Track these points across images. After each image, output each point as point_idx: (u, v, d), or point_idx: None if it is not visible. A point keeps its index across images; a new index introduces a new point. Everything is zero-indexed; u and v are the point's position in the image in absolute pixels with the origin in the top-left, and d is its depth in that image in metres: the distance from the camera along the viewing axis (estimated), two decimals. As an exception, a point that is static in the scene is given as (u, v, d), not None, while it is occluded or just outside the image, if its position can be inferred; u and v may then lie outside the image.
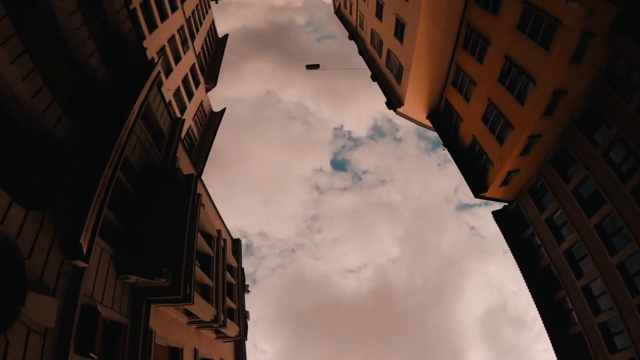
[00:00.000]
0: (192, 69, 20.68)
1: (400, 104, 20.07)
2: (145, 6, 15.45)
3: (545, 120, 14.51)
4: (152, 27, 16.07)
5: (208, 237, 11.70)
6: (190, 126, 20.27)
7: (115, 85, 7.90)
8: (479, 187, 18.16)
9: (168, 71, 17.76)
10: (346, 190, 70.49)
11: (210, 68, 23.58)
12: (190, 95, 20.23)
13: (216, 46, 26.32)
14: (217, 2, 33.30)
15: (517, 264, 19.09)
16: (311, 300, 62.63)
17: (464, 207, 68.63)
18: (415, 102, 19.89)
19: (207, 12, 24.87)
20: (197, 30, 21.96)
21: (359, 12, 24.98)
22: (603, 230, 14.31)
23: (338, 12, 29.41)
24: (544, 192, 17.55)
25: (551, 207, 16.66)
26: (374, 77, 23.25)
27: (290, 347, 58.75)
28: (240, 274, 17.84)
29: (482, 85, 16.64)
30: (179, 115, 18.42)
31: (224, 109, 23.36)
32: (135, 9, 14.49)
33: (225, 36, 27.49)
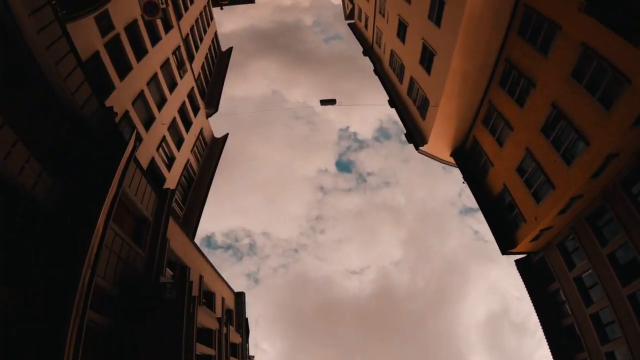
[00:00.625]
0: (191, 95, 18.35)
1: (424, 141, 17.67)
2: (132, 30, 13.38)
3: (591, 182, 12.27)
4: (141, 53, 13.98)
5: (208, 333, 9.97)
6: (189, 160, 18.25)
7: (68, 198, 5.94)
8: (507, 243, 15.99)
9: (162, 102, 15.52)
10: (350, 192, 69.50)
11: (211, 90, 21.22)
12: (188, 125, 18.00)
13: (219, 62, 23.90)
14: (222, 9, 31.09)
15: (538, 317, 17.12)
16: (313, 300, 61.85)
17: (467, 210, 67.27)
18: (440, 140, 17.54)
19: (208, 25, 22.43)
20: (197, 48, 19.66)
21: (376, 28, 22.51)
22: (638, 302, 12.18)
23: (351, 24, 26.87)
24: (575, 249, 15.41)
25: (582, 266, 14.46)
26: (392, 103, 20.89)
27: (291, 347, 58.06)
28: (244, 328, 16.22)
29: (520, 131, 14.16)
30: (174, 152, 16.51)
31: (226, 135, 21.17)
32: (118, 35, 12.50)
33: (229, 50, 25.04)
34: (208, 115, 19.98)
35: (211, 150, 20.25)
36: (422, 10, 15.68)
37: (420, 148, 18.03)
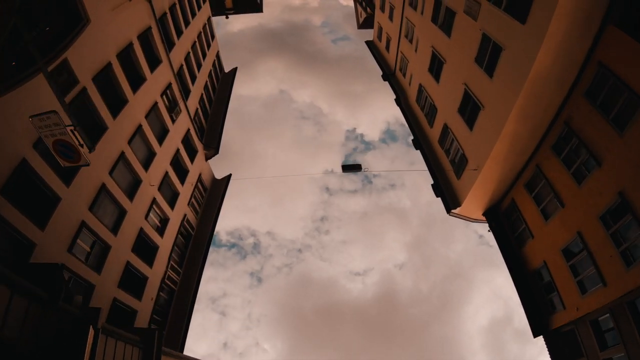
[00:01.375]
0: (186, 139, 15.51)
1: (456, 204, 14.72)
2: (105, 78, 10.46)
3: None
4: (118, 105, 10.98)
5: None
6: (185, 216, 15.55)
7: None
8: (540, 328, 13.26)
9: (149, 159, 12.69)
10: (356, 193, 68.25)
11: (211, 126, 18.17)
12: (183, 176, 15.24)
13: (221, 88, 20.73)
14: (227, 17, 28.01)
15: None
16: (315, 301, 60.45)
17: (472, 215, 65.24)
18: (473, 202, 14.65)
19: (209, 47, 19.32)
20: (194, 78, 16.61)
21: (400, 53, 19.36)
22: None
23: (370, 43, 23.64)
24: (609, 329, 12.60)
25: (615, 349, 11.69)
26: (417, 145, 17.86)
27: (291, 348, 56.58)
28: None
29: (573, 211, 11.06)
30: (168, 213, 13.72)
31: (229, 176, 18.35)
32: (84, 89, 9.69)
33: (233, 71, 21.91)
34: (208, 157, 17.18)
35: (211, 196, 17.48)
36: (466, 50, 12.56)
37: (452, 211, 15.14)
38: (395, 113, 72.97)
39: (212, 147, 17.08)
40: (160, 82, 13.14)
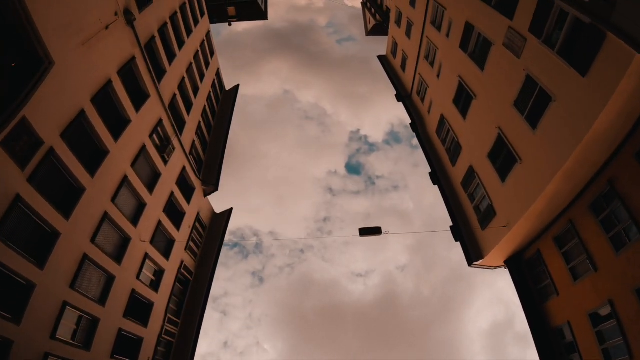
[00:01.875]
0: (182, 178, 13.65)
1: (479, 256, 12.94)
2: (78, 129, 8.56)
3: None
4: (97, 160, 9.22)
5: None
6: (183, 262, 13.85)
7: None
8: None
9: (138, 211, 11.01)
10: (359, 194, 67.17)
11: (210, 159, 16.10)
12: (179, 221, 13.51)
13: (221, 111, 18.48)
14: (230, 24, 25.96)
15: None
16: (316, 302, 59.74)
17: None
18: (497, 253, 12.80)
19: (207, 66, 17.21)
20: (190, 106, 14.58)
21: (418, 75, 17.25)
22: None
23: (382, 58, 21.46)
24: None
25: None
26: (435, 180, 15.95)
27: (292, 349, 55.95)
28: None
29: (606, 277, 9.34)
30: (163, 264, 11.87)
31: (230, 211, 16.56)
32: (52, 149, 7.80)
33: (235, 89, 19.74)
34: (207, 194, 15.43)
35: (211, 234, 15.76)
36: (503, 89, 10.51)
37: (474, 263, 13.32)
38: (399, 115, 71.38)
39: (211, 183, 15.26)
40: (149, 120, 11.31)
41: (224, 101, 19.42)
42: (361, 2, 30.31)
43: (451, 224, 14.65)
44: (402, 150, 72.13)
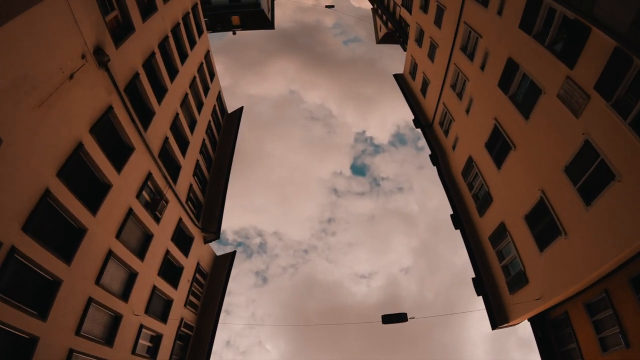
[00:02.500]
0: (178, 231, 11.82)
1: (504, 320, 11.24)
2: (42, 214, 6.71)
3: None
4: (73, 242, 7.47)
5: None
6: (182, 320, 12.12)
7: None
8: None
9: (129, 284, 9.33)
10: (363, 195, 65.82)
11: (209, 202, 14.10)
12: (176, 279, 11.77)
13: (223, 137, 16.50)
14: (234, 34, 23.74)
15: None
16: (319, 303, 58.95)
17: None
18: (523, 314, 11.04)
19: (207, 94, 15.03)
20: (186, 147, 12.54)
21: (442, 105, 15.02)
22: None
23: (398, 77, 19.13)
24: None
25: None
26: (456, 222, 13.95)
27: (294, 350, 55.37)
28: None
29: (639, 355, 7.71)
30: (160, 329, 10.14)
31: (234, 254, 14.74)
32: (12, 247, 6.08)
33: (239, 113, 17.65)
34: (207, 241, 13.61)
35: (212, 280, 14.00)
36: (552, 149, 8.46)
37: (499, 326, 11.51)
38: (405, 117, 69.42)
39: (212, 231, 13.47)
40: (135, 178, 9.41)
41: (226, 127, 17.34)
42: (371, 9, 27.77)
43: (473, 276, 12.90)
44: (408, 152, 70.39)
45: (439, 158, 15.24)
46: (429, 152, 15.95)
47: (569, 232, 8.19)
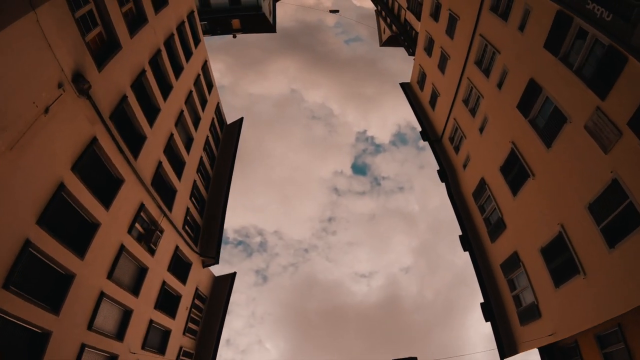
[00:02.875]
0: (175, 258, 11.05)
1: (513, 351, 10.55)
2: (24, 265, 5.78)
3: None
4: (61, 291, 6.72)
5: None
6: (182, 347, 11.44)
7: None
8: None
9: (124, 321, 8.64)
10: (364, 195, 65.31)
11: (208, 224, 13.21)
12: (174, 309, 11.10)
13: (222, 152, 15.46)
14: (235, 37, 22.62)
15: None
16: (319, 302, 58.87)
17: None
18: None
19: (204, 108, 14.01)
20: (182, 167, 11.58)
21: (453, 121, 14.02)
22: None
23: (405, 86, 18.09)
24: None
25: None
26: (465, 244, 13.21)
27: (293, 348, 55.41)
28: None
29: None
30: None
31: (234, 275, 13.92)
32: None
33: (238, 124, 16.34)
34: (206, 265, 12.82)
35: (212, 303, 13.24)
36: (574, 183, 7.70)
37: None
38: (406, 116, 68.49)
39: (210, 256, 12.67)
40: (126, 212, 8.55)
41: (225, 139, 16.38)
42: (375, 10, 26.51)
43: (484, 306, 12.16)
44: (409, 152, 69.73)
45: (448, 175, 14.36)
46: (436, 166, 15.08)
47: (588, 272, 7.61)
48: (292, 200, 63.74)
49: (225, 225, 13.99)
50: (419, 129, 16.47)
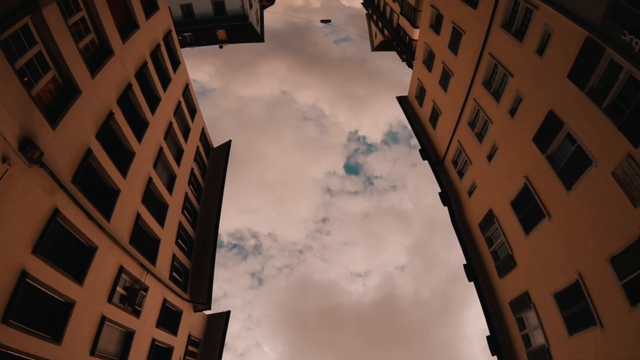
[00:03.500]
0: (164, 311, 9.84)
1: None
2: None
3: None
4: None
5: None
6: None
7: None
8: None
9: None
10: (357, 194, 65.01)
11: (197, 264, 11.93)
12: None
13: (210, 176, 14.06)
14: (221, 47, 20.93)
15: None
16: (316, 303, 58.67)
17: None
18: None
19: (187, 139, 12.49)
20: (164, 214, 10.25)
21: (457, 143, 12.83)
22: None
23: (403, 100, 16.79)
24: None
25: None
26: (470, 274, 12.24)
27: (291, 351, 55.26)
28: None
29: None
30: None
31: (228, 314, 12.64)
32: None
33: (226, 148, 14.68)
34: (197, 310, 11.58)
35: (206, 345, 12.03)
36: (599, 234, 6.70)
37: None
38: (397, 115, 67.87)
39: (202, 302, 11.42)
40: (103, 281, 7.24)
41: (212, 166, 14.92)
42: (366, 14, 24.94)
43: (488, 334, 11.40)
44: (400, 151, 69.33)
45: (451, 200, 13.32)
46: (439, 190, 14.04)
47: (605, 326, 6.89)
48: (286, 201, 62.74)
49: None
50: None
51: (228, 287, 57.43)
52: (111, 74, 8.26)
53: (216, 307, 51.79)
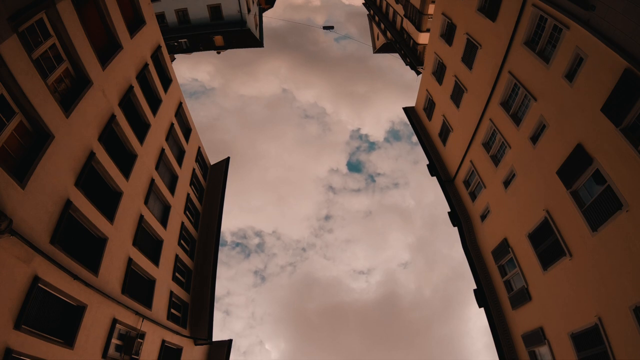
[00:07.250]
0: (161, 356, 9.08)
1: None
2: None
3: None
4: None
5: None
6: None
7: None
8: None
9: None
10: (360, 192, 64.70)
11: (196, 298, 11.27)
12: None
13: (208, 198, 13.26)
14: (219, 53, 19.83)
15: None
16: (318, 300, 58.90)
17: (477, 217, 62.46)
18: None
19: (181, 164, 11.68)
20: (158, 252, 9.56)
21: (470, 164, 11.90)
22: None
23: (409, 112, 15.80)
24: None
25: None
26: (480, 300, 11.58)
27: (294, 349, 55.70)
28: None
29: None
30: None
31: (230, 342, 12.21)
32: None
33: (224, 166, 13.79)
34: (198, 344, 10.97)
35: None
36: (624, 283, 6.12)
37: None
38: (399, 113, 66.68)
39: (202, 337, 10.80)
40: (95, 338, 6.59)
41: (210, 186, 14.09)
42: (367, 15, 23.65)
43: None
44: (402, 148, 68.68)
45: (462, 221, 12.58)
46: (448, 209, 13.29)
47: (616, 348, 6.55)
48: (288, 200, 62.38)
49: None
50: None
51: (231, 286, 57.49)
52: (90, 108, 7.38)
53: (219, 306, 51.76)
